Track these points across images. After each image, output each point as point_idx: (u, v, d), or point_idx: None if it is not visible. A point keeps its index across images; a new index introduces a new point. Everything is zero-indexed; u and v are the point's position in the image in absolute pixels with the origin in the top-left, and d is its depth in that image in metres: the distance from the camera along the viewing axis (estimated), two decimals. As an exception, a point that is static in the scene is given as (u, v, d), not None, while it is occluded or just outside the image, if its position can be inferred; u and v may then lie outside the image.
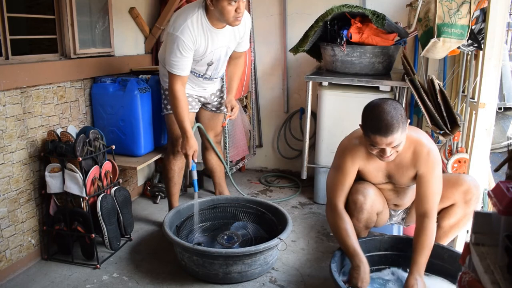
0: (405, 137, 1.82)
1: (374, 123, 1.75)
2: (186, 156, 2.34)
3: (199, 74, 2.45)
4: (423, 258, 1.84)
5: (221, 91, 2.71)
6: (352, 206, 2.00)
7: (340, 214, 1.97)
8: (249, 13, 3.37)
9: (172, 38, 2.20)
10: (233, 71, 2.66)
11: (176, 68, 2.23)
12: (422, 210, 1.90)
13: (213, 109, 2.70)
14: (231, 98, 2.67)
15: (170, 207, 2.73)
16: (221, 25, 2.27)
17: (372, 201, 1.99)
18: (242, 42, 2.51)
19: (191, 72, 2.37)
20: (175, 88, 2.26)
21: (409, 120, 1.85)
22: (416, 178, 1.96)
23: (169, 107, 2.52)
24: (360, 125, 1.88)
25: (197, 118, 2.70)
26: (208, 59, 2.36)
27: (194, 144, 2.32)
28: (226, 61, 2.54)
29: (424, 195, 1.90)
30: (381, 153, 1.82)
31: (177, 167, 2.64)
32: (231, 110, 2.64)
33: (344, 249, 1.94)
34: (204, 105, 2.67)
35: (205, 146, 2.79)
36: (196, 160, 2.37)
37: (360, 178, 2.05)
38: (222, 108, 2.72)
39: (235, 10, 2.12)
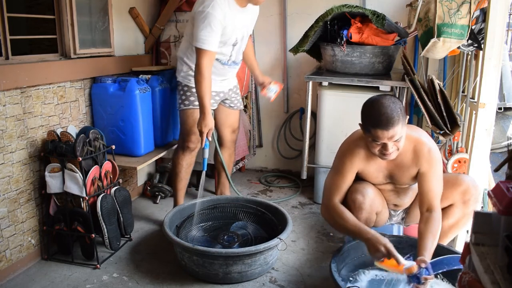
0: (405, 133, 1.83)
1: (375, 117, 1.77)
2: (201, 133, 2.36)
3: (225, 62, 2.52)
4: (429, 242, 1.81)
5: (237, 87, 2.79)
6: (351, 206, 2.00)
7: (335, 206, 1.97)
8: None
9: (203, 14, 2.26)
10: (250, 52, 2.78)
11: (205, 43, 2.27)
12: (426, 206, 1.91)
13: (231, 105, 2.77)
14: (259, 73, 2.83)
15: (175, 203, 2.75)
16: (244, 3, 2.38)
17: (371, 200, 2.00)
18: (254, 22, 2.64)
19: (217, 60, 2.44)
20: (202, 64, 2.29)
21: (408, 117, 1.85)
22: (417, 176, 1.96)
23: (186, 102, 2.57)
24: (359, 124, 1.89)
25: (215, 115, 2.74)
26: (233, 39, 2.45)
27: (210, 122, 2.34)
28: (247, 42, 2.63)
29: (427, 192, 1.92)
30: (383, 150, 1.82)
31: (186, 162, 2.67)
32: (269, 83, 2.78)
33: (349, 234, 1.94)
34: (222, 101, 2.72)
35: (220, 143, 2.84)
36: (210, 139, 2.40)
37: (360, 179, 2.05)
38: (239, 104, 2.81)
39: None
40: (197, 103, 2.42)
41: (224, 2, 2.30)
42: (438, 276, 1.96)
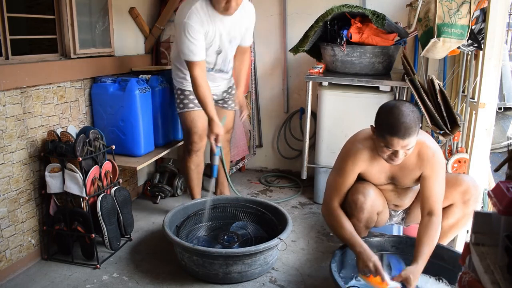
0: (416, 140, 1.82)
1: (392, 124, 1.74)
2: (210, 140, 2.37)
3: (210, 68, 2.51)
4: (426, 249, 1.82)
5: (232, 88, 2.80)
6: (352, 206, 2.00)
7: (334, 211, 1.99)
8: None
9: (181, 26, 2.26)
10: (240, 67, 2.74)
11: (190, 54, 2.28)
12: (428, 209, 1.91)
13: (225, 105, 2.78)
14: (239, 93, 2.76)
15: (192, 198, 2.82)
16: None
17: (372, 201, 2.00)
18: (247, 33, 2.58)
19: None
20: (194, 75, 2.31)
21: (420, 124, 1.83)
22: (419, 179, 1.96)
23: (181, 105, 2.60)
24: (372, 126, 1.88)
25: None
26: (216, 46, 2.43)
27: (216, 129, 2.35)
28: (234, 52, 2.60)
29: (429, 196, 1.91)
30: (393, 156, 1.81)
31: (194, 164, 2.71)
32: (240, 108, 2.75)
33: (342, 241, 1.96)
34: (216, 102, 2.73)
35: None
36: (220, 145, 2.40)
37: (362, 178, 2.05)
38: (233, 105, 2.81)
39: (226, 2, 2.22)
40: (191, 105, 2.50)
41: (201, 9, 2.27)
42: (441, 280, 1.96)
